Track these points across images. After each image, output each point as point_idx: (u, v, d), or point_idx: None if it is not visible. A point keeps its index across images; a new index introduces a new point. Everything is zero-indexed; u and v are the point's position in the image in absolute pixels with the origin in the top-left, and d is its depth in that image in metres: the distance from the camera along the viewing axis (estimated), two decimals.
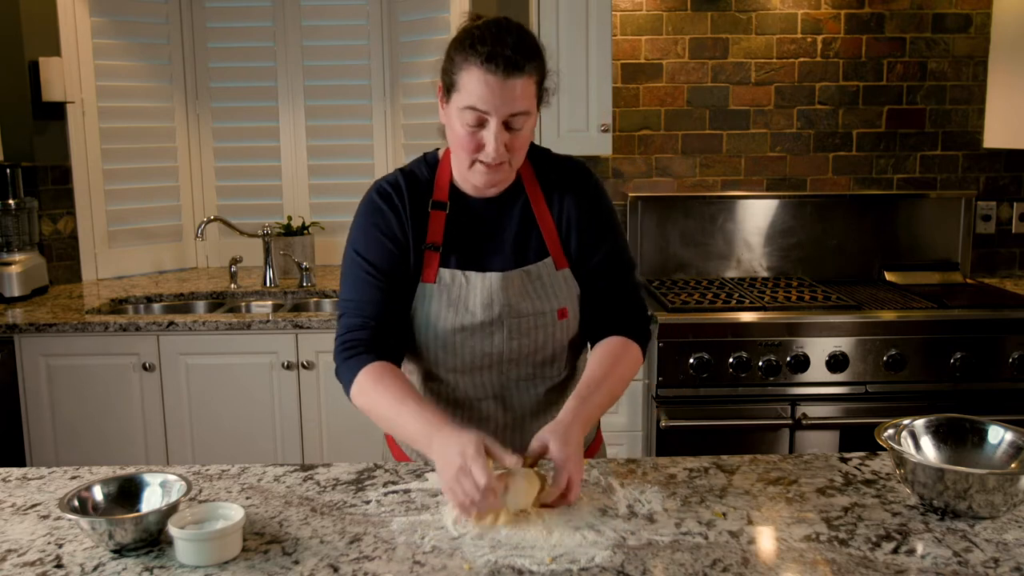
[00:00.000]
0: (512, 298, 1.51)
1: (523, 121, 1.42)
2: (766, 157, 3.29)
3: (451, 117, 1.44)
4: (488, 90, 1.38)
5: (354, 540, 1.22)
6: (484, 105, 1.38)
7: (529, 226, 1.55)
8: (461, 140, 1.43)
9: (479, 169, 1.45)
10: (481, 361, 1.52)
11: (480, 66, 1.37)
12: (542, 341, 1.53)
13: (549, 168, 1.58)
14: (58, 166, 3.22)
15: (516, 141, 1.43)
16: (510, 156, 1.44)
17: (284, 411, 2.78)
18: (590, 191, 1.58)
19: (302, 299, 3.18)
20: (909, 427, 1.39)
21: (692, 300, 2.86)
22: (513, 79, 1.38)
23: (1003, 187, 3.33)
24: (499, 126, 1.40)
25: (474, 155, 1.43)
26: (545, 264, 1.54)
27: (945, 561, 1.15)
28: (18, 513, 1.33)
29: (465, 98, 1.39)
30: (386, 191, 1.54)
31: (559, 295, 1.54)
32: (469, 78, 1.39)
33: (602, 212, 1.58)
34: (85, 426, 2.76)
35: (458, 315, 1.50)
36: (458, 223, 1.53)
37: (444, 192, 1.54)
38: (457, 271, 1.51)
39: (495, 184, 1.49)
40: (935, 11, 3.21)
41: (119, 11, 3.32)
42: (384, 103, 3.49)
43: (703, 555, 1.17)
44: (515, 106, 1.39)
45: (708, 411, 2.69)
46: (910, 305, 2.83)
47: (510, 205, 1.55)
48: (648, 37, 3.19)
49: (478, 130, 1.41)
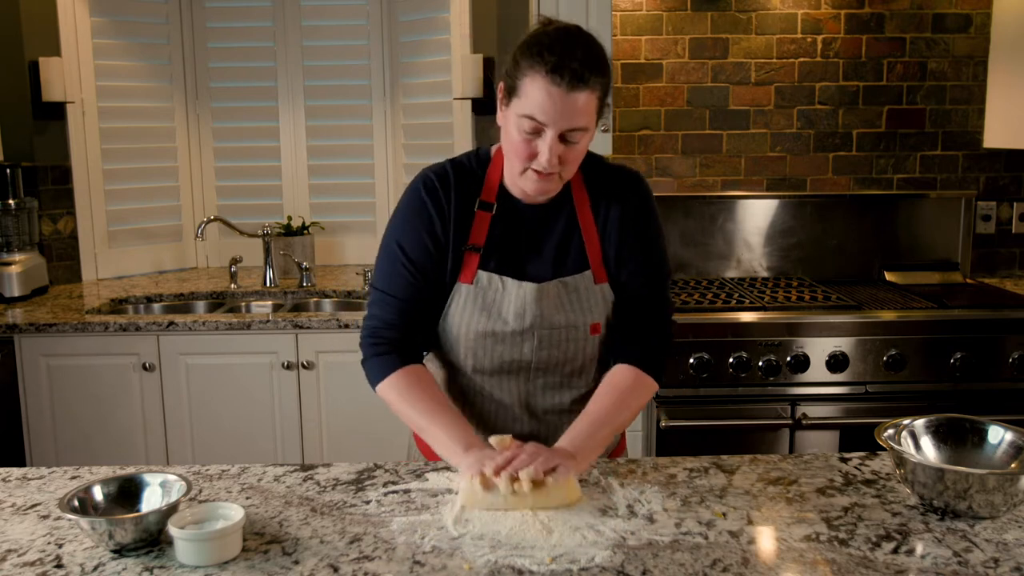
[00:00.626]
0: (545, 310, 1.50)
1: (580, 136, 1.40)
2: (766, 157, 3.29)
3: (508, 121, 1.43)
4: (550, 102, 1.35)
5: (354, 540, 1.22)
6: (543, 116, 1.36)
7: (572, 235, 1.53)
8: (516, 146, 1.41)
9: (530, 176, 1.43)
10: (508, 367, 1.53)
11: (545, 76, 1.35)
12: (572, 353, 1.53)
13: (600, 176, 1.56)
14: (58, 166, 3.22)
15: (571, 154, 1.42)
16: (562, 168, 1.42)
17: (284, 411, 2.78)
18: (637, 204, 1.54)
19: (302, 299, 3.18)
20: (909, 427, 1.39)
21: (692, 300, 2.86)
22: (576, 93, 1.35)
23: (1003, 187, 3.33)
24: (555, 138, 1.38)
25: (527, 163, 1.42)
26: (584, 277, 1.52)
27: (945, 561, 1.15)
28: (18, 513, 1.33)
29: (526, 105, 1.37)
30: (433, 185, 1.51)
31: (594, 310, 1.52)
32: (532, 86, 1.37)
33: (646, 228, 1.55)
34: (85, 426, 2.76)
35: (490, 320, 1.50)
36: (502, 226, 1.52)
37: (493, 193, 1.52)
38: (495, 275, 1.50)
39: (544, 192, 1.47)
40: (935, 11, 3.20)
41: (119, 11, 3.32)
42: (384, 103, 3.49)
43: (703, 555, 1.17)
44: (575, 121, 1.37)
45: (708, 411, 2.69)
46: (910, 305, 2.83)
47: (556, 212, 1.54)
48: (648, 37, 3.19)
49: (534, 138, 1.39)
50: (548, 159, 1.38)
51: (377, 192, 3.53)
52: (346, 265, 3.57)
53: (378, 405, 1.53)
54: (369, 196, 3.54)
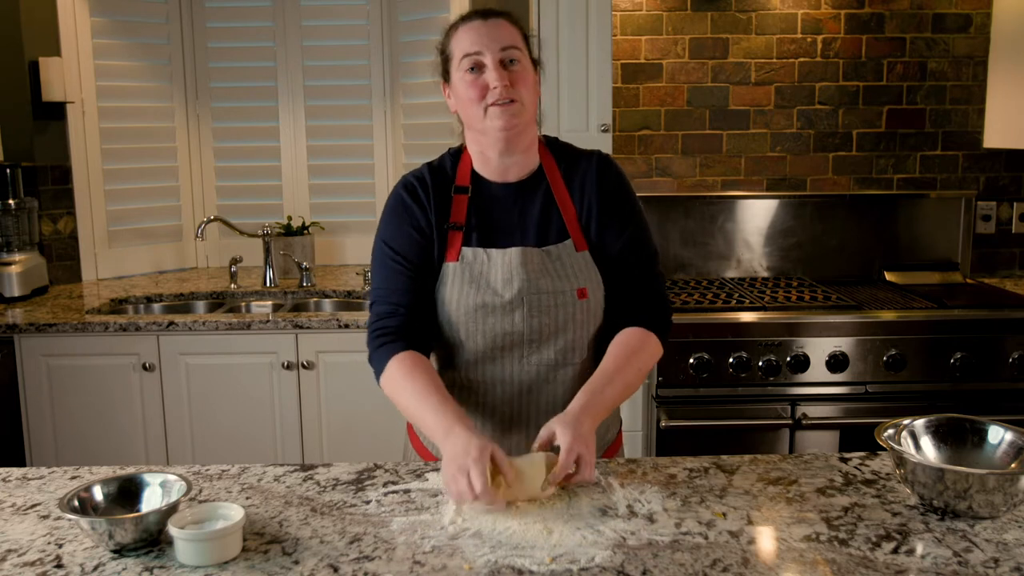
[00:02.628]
0: (532, 275, 1.52)
1: (518, 56, 1.50)
2: (766, 157, 3.29)
3: (456, 88, 1.53)
4: (475, 32, 1.48)
5: (354, 540, 1.22)
6: (475, 46, 1.47)
7: (550, 211, 1.57)
8: (468, 95, 1.49)
9: (493, 113, 1.49)
10: (502, 341, 1.53)
11: (462, 23, 1.51)
12: (562, 321, 1.54)
13: (570, 157, 1.61)
14: (58, 166, 3.22)
15: (517, 77, 1.49)
16: (517, 94, 1.48)
17: (284, 411, 2.78)
18: (611, 179, 1.59)
19: (302, 299, 3.18)
20: (909, 427, 1.39)
21: (692, 300, 2.86)
22: (493, 19, 1.50)
23: (1003, 187, 3.33)
24: (496, 63, 1.47)
25: (483, 101, 1.48)
26: (565, 246, 1.56)
27: (945, 561, 1.15)
28: (18, 513, 1.33)
29: (458, 53, 1.50)
30: (411, 184, 1.59)
31: (579, 275, 1.55)
32: (457, 38, 1.51)
33: (623, 200, 1.59)
34: (85, 426, 2.76)
35: (479, 292, 1.52)
36: (480, 207, 1.57)
37: (466, 178, 1.58)
38: (479, 249, 1.54)
39: (513, 128, 1.50)
40: (935, 11, 3.21)
41: (119, 11, 3.32)
42: (384, 103, 3.49)
43: (703, 555, 1.17)
44: (503, 39, 1.48)
45: (708, 411, 2.69)
46: (910, 305, 2.83)
47: (531, 191, 1.58)
48: (648, 37, 3.19)
49: (479, 76, 1.48)
50: (498, 79, 1.46)
51: (377, 192, 3.53)
52: (346, 265, 3.57)
53: (378, 405, 1.54)
54: (369, 196, 3.54)
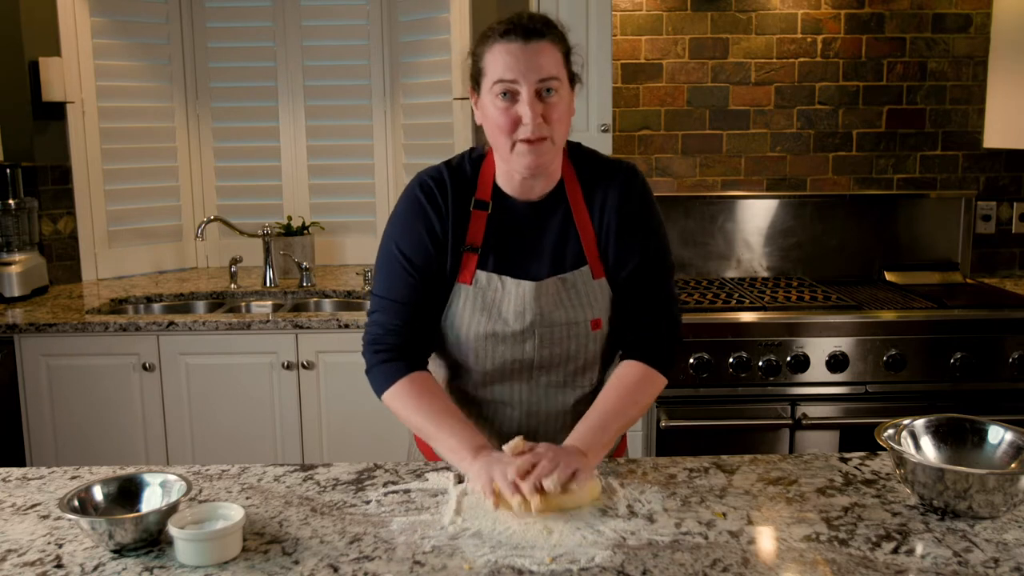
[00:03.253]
0: (545, 307, 1.48)
1: (556, 87, 1.39)
2: (766, 157, 3.29)
3: (485, 106, 1.43)
4: (512, 58, 1.37)
5: (354, 540, 1.22)
6: (511, 73, 1.37)
7: (569, 233, 1.51)
8: (497, 122, 1.40)
9: (521, 150, 1.41)
10: (511, 366, 1.51)
11: (500, 39, 1.40)
12: (574, 351, 1.51)
13: (593, 169, 1.53)
14: (58, 166, 3.22)
15: (552, 112, 1.40)
16: (550, 131, 1.40)
17: (284, 411, 2.78)
18: (633, 198, 1.51)
19: (302, 299, 3.18)
20: (909, 427, 1.39)
21: (692, 300, 2.86)
22: (535, 43, 1.38)
23: (1003, 187, 3.33)
24: (531, 95, 1.38)
25: (513, 135, 1.40)
26: (581, 273, 1.50)
27: (945, 561, 1.15)
28: (18, 513, 1.33)
29: (492, 75, 1.39)
30: (429, 186, 1.50)
31: (594, 305, 1.50)
32: (492, 57, 1.39)
33: (643, 220, 1.52)
34: (85, 426, 2.76)
35: (490, 321, 1.48)
36: (498, 225, 1.50)
37: (487, 192, 1.51)
38: (493, 275, 1.49)
39: (540, 167, 1.43)
40: (935, 11, 3.20)
41: (119, 11, 3.32)
42: (384, 103, 3.49)
43: (703, 555, 1.17)
44: (542, 71, 1.38)
45: (708, 411, 2.69)
46: (910, 305, 2.83)
47: (551, 210, 1.51)
48: (648, 37, 3.19)
49: (512, 106, 1.39)
50: (531, 116, 1.37)
51: (377, 192, 3.53)
52: (346, 265, 3.57)
53: (378, 405, 1.53)
54: (369, 196, 3.54)
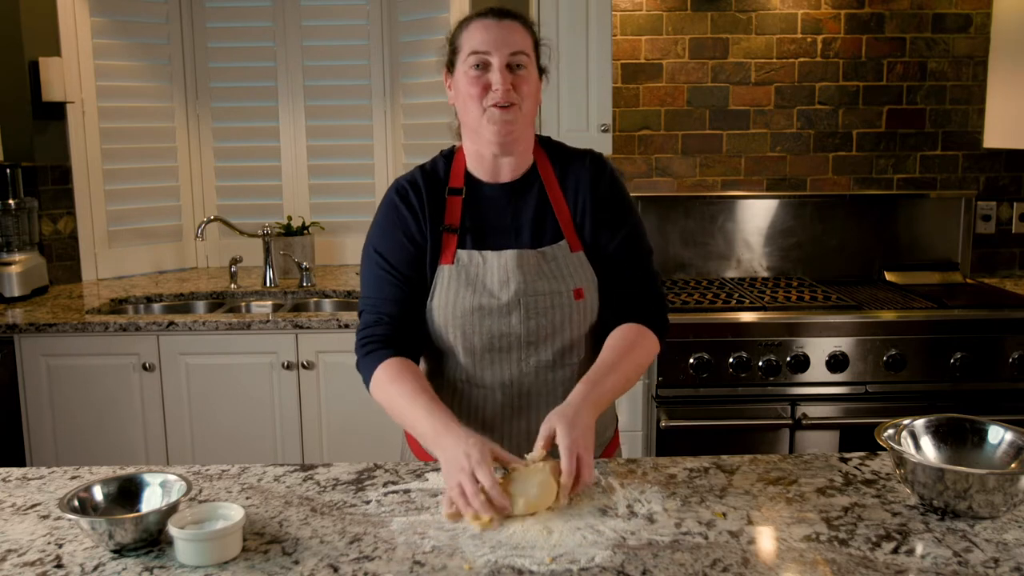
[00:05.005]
0: (528, 277, 1.52)
1: (525, 63, 1.49)
2: (766, 157, 3.29)
3: (458, 82, 1.51)
4: (486, 31, 1.48)
5: (354, 540, 1.22)
6: (484, 45, 1.47)
7: (544, 212, 1.56)
8: (469, 91, 1.48)
9: (491, 115, 1.47)
10: (499, 343, 1.52)
11: (475, 19, 1.50)
12: (559, 321, 1.53)
13: (564, 157, 1.60)
14: (58, 166, 3.22)
15: (522, 84, 1.48)
16: (520, 100, 1.48)
17: (284, 411, 2.78)
18: (605, 178, 1.58)
19: (302, 299, 3.18)
20: (909, 427, 1.39)
21: (692, 300, 2.86)
22: (507, 21, 1.49)
23: (1003, 187, 3.33)
24: (502, 65, 1.46)
25: (483, 100, 1.47)
26: (560, 247, 1.55)
27: (945, 561, 1.15)
28: (18, 513, 1.33)
29: (467, 48, 1.48)
30: (404, 189, 1.57)
31: (575, 276, 1.54)
32: (468, 33, 1.50)
33: (617, 199, 1.59)
34: (85, 426, 2.76)
35: (476, 295, 1.51)
36: (474, 208, 1.56)
37: (460, 179, 1.57)
38: (474, 251, 1.53)
39: (509, 134, 1.49)
40: (935, 11, 3.21)
41: (119, 11, 3.32)
42: (384, 103, 3.49)
43: (703, 555, 1.17)
44: (514, 44, 1.47)
45: (708, 411, 2.69)
46: (910, 305, 2.83)
47: (525, 192, 1.57)
48: (648, 37, 3.19)
49: (483, 73, 1.47)
50: (502, 82, 1.45)
51: (377, 192, 3.53)
52: (346, 265, 3.57)
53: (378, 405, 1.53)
54: (369, 196, 3.54)
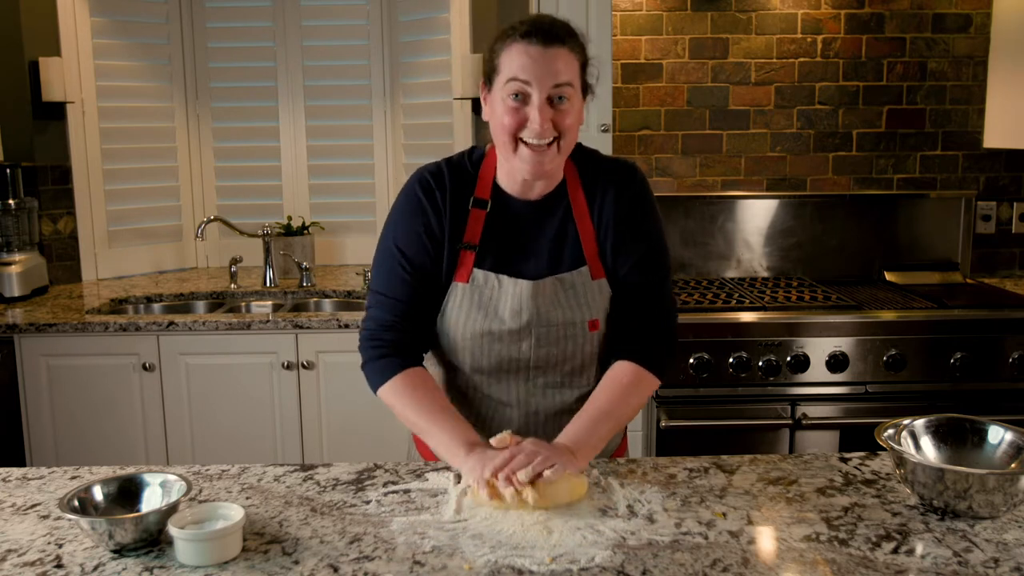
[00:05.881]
0: (542, 307, 1.48)
1: (568, 94, 1.38)
2: (766, 157, 3.29)
3: (494, 103, 1.42)
4: (529, 59, 1.36)
5: (354, 540, 1.22)
6: (525, 74, 1.36)
7: (568, 232, 1.51)
8: (503, 121, 1.39)
9: (524, 154, 1.40)
10: (508, 366, 1.51)
11: (520, 40, 1.38)
12: (571, 351, 1.51)
13: (594, 168, 1.53)
14: (58, 166, 3.22)
15: (562, 120, 1.39)
16: (558, 137, 1.39)
17: (284, 411, 2.78)
18: (632, 194, 1.51)
19: (302, 299, 3.18)
20: (909, 427, 1.39)
21: (692, 300, 2.86)
22: (554, 48, 1.37)
23: (1003, 187, 3.33)
24: (543, 100, 1.37)
25: (518, 134, 1.39)
26: (580, 273, 1.50)
27: (945, 561, 1.15)
28: (18, 513, 1.33)
29: (506, 73, 1.38)
30: (428, 184, 1.50)
31: (592, 306, 1.50)
32: (509, 55, 1.38)
33: (637, 218, 1.51)
34: (85, 426, 2.76)
35: (487, 319, 1.48)
36: (497, 224, 1.50)
37: (487, 190, 1.50)
38: (491, 273, 1.48)
39: (543, 172, 1.43)
40: (935, 11, 3.20)
41: (119, 11, 3.32)
42: (384, 103, 3.49)
43: (703, 555, 1.17)
44: (558, 76, 1.37)
45: (708, 411, 2.69)
46: (910, 305, 2.83)
47: (551, 209, 1.51)
48: (648, 37, 3.19)
49: (522, 107, 1.38)
50: (540, 120, 1.36)
51: (377, 192, 3.53)
52: (346, 265, 3.57)
53: (378, 405, 1.53)
54: (369, 196, 3.54)
